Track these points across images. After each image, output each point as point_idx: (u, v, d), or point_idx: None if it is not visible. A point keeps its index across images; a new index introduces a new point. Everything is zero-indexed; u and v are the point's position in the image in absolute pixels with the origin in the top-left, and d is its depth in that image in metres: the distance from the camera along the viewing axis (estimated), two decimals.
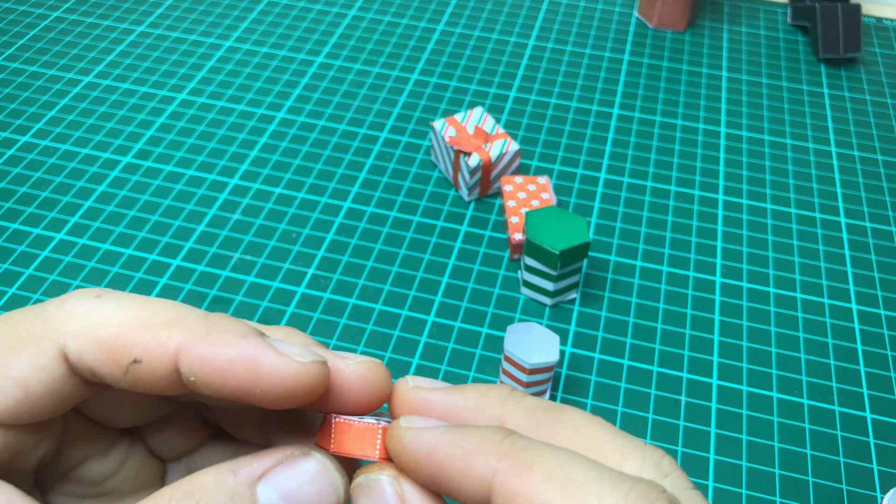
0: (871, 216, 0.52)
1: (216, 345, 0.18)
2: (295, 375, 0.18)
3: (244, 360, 0.18)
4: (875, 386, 0.42)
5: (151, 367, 0.18)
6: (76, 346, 0.19)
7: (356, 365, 0.20)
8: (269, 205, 0.50)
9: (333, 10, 0.68)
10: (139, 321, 0.19)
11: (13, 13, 0.65)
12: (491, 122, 0.51)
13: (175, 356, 0.18)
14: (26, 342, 0.19)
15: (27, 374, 0.18)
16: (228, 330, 0.19)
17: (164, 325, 0.19)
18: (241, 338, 0.18)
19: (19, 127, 0.55)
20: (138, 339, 0.18)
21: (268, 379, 0.18)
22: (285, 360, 0.18)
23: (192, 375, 0.18)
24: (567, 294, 0.45)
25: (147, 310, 0.19)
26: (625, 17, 0.69)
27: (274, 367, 0.18)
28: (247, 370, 0.18)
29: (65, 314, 0.19)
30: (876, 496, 0.38)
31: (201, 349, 0.18)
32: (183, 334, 0.18)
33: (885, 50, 0.67)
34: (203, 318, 0.19)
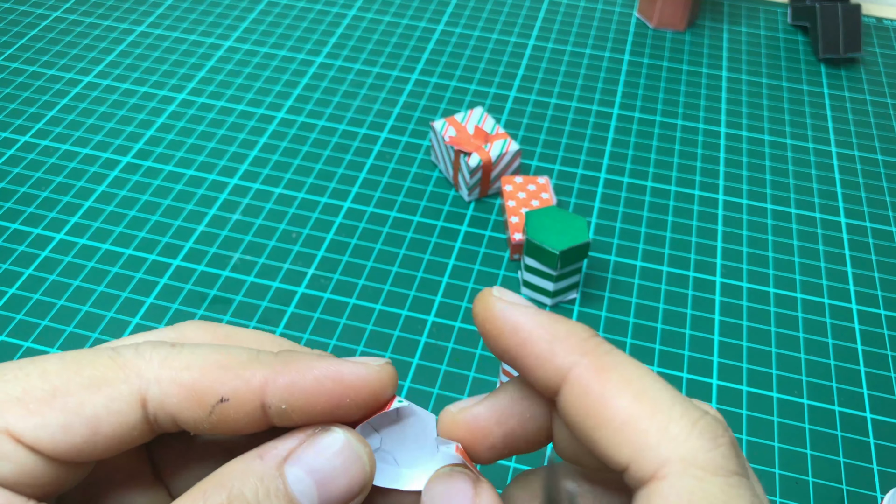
0: (871, 216, 0.52)
1: (300, 371, 0.20)
2: (378, 378, 0.20)
3: (331, 375, 0.20)
4: (875, 386, 0.42)
5: (238, 404, 0.19)
6: (158, 392, 0.19)
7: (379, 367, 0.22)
8: (269, 205, 0.50)
9: (333, 10, 0.68)
10: (219, 363, 0.20)
11: (13, 13, 0.65)
12: (491, 122, 0.51)
13: (261, 391, 0.19)
14: (103, 384, 0.19)
15: (101, 414, 0.19)
16: (303, 356, 0.20)
17: (244, 364, 0.20)
18: (318, 360, 0.20)
19: (19, 127, 0.55)
20: (222, 379, 0.19)
21: (355, 386, 0.20)
22: (365, 368, 0.20)
23: (283, 404, 0.19)
24: (567, 294, 0.45)
25: (223, 353, 0.20)
26: (625, 17, 0.69)
27: (358, 375, 0.20)
28: (335, 384, 0.19)
29: (143, 361, 0.20)
30: (876, 496, 0.38)
31: (287, 378, 0.19)
32: (265, 370, 0.19)
33: (885, 50, 0.67)
34: (275, 356, 0.20)
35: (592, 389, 0.18)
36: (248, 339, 0.23)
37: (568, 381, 0.18)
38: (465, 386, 0.41)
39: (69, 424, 0.19)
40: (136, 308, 0.44)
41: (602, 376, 0.18)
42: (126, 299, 0.44)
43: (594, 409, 0.18)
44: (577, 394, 0.18)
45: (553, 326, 0.19)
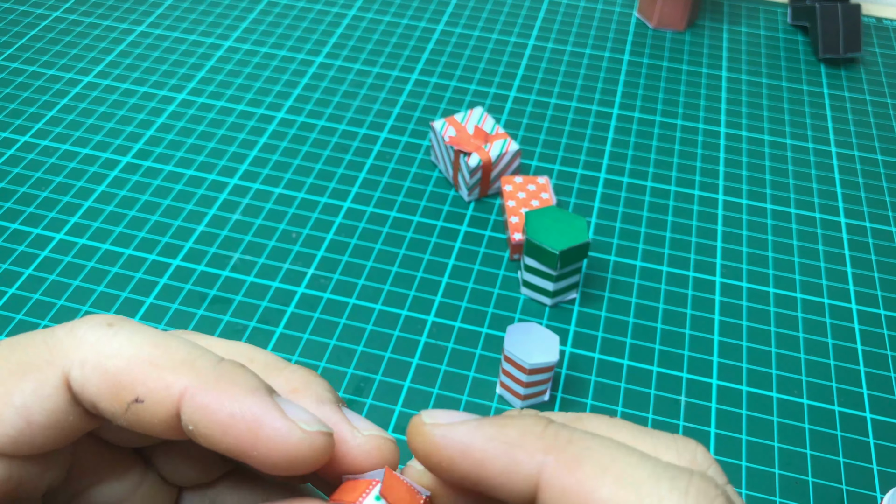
0: (871, 216, 0.52)
1: (221, 396, 0.17)
2: (297, 445, 0.17)
3: (248, 418, 0.17)
4: (875, 386, 0.42)
5: (152, 408, 0.17)
6: (80, 376, 0.18)
7: (363, 439, 0.19)
8: (269, 205, 0.50)
9: (333, 10, 0.68)
10: (149, 358, 0.18)
11: (13, 13, 0.66)
12: (491, 122, 0.51)
13: (178, 401, 0.17)
14: (31, 368, 0.18)
15: (30, 402, 0.18)
16: (237, 382, 0.18)
17: (174, 365, 0.18)
18: (249, 393, 0.17)
19: (19, 127, 0.55)
20: (144, 376, 0.17)
21: (268, 443, 0.17)
22: (289, 427, 0.17)
23: (190, 424, 0.17)
24: (567, 294, 0.45)
25: (159, 346, 0.18)
26: (625, 17, 0.69)
27: (277, 431, 0.17)
28: (248, 430, 0.17)
29: (74, 341, 0.18)
30: (876, 496, 0.38)
31: (205, 398, 0.17)
32: (190, 379, 0.17)
33: (885, 50, 0.67)
34: (214, 365, 0.18)
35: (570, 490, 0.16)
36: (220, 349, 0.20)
37: (541, 488, 0.17)
38: (464, 386, 0.41)
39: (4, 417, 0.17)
40: (135, 308, 0.44)
41: (575, 472, 0.16)
42: (126, 299, 0.44)
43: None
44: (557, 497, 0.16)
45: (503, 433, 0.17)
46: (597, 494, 0.16)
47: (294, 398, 0.19)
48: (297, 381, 0.20)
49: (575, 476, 0.16)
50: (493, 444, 0.17)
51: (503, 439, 0.17)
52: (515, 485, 0.17)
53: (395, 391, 0.40)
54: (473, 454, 0.17)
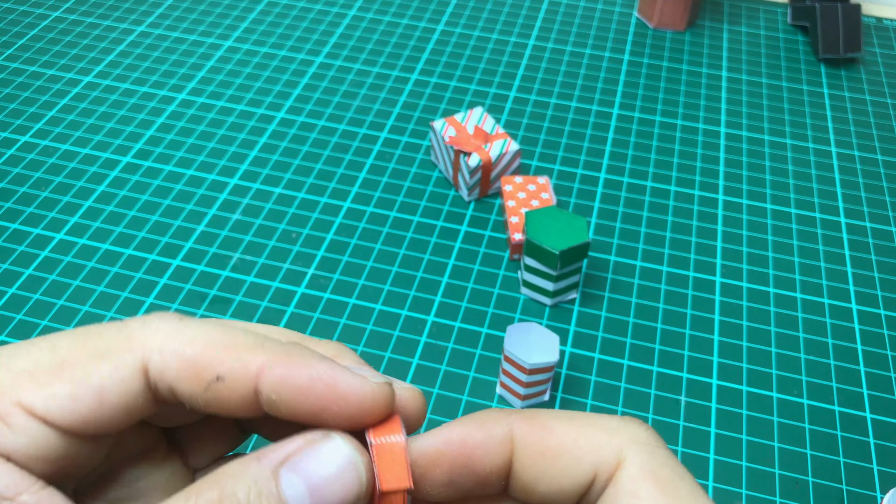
0: (871, 216, 0.52)
1: (298, 366, 0.20)
2: (371, 395, 0.20)
3: (326, 378, 0.19)
4: (875, 386, 0.42)
5: (233, 385, 0.19)
6: (160, 361, 0.19)
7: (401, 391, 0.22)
8: (269, 205, 0.50)
9: (333, 10, 0.68)
10: (223, 342, 0.20)
11: (13, 13, 0.65)
12: (491, 122, 0.51)
13: (256, 377, 0.19)
14: (108, 353, 0.19)
15: (106, 384, 0.19)
16: (306, 353, 0.20)
17: (247, 347, 0.20)
18: (319, 360, 0.20)
19: (19, 127, 0.55)
20: (222, 358, 0.19)
21: (346, 397, 0.20)
22: (362, 381, 0.20)
23: (273, 394, 0.19)
24: (567, 294, 0.45)
25: (229, 334, 0.20)
26: (625, 17, 0.69)
27: (352, 386, 0.20)
28: (328, 388, 0.19)
29: (149, 330, 0.20)
30: (876, 496, 0.38)
31: (284, 370, 0.19)
32: (266, 357, 0.19)
33: (885, 50, 0.67)
34: (281, 345, 0.20)
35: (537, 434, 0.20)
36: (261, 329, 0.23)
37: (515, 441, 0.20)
38: (464, 386, 0.41)
39: (76, 394, 0.19)
40: (135, 308, 0.44)
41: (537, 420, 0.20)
42: (126, 299, 0.44)
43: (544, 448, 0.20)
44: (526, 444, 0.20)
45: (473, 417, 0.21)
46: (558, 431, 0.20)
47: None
48: (332, 351, 0.22)
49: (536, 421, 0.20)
50: (468, 426, 0.20)
51: (476, 419, 0.21)
52: (493, 450, 0.20)
53: None
54: (454, 440, 0.20)
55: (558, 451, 0.20)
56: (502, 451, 0.20)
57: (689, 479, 0.19)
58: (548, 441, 0.20)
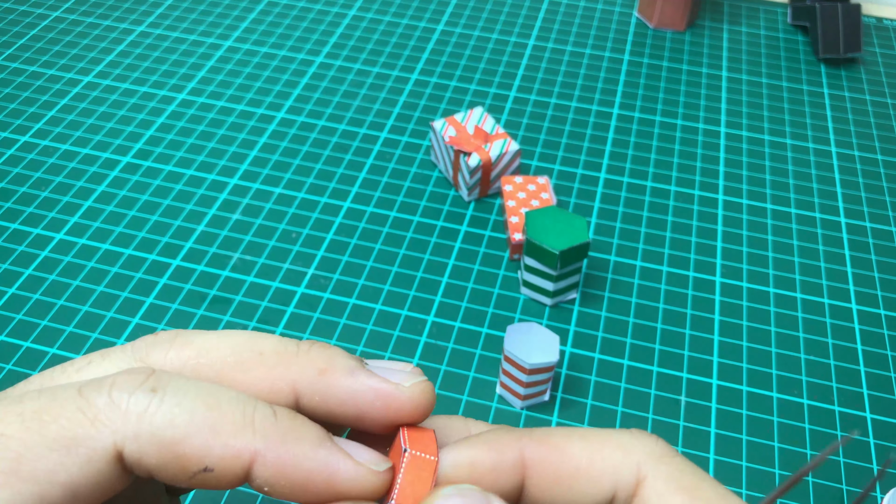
0: (871, 216, 0.52)
1: (294, 456, 0.18)
2: (372, 485, 0.18)
3: (323, 473, 0.18)
4: (875, 386, 0.42)
5: (221, 475, 0.18)
6: (136, 450, 0.17)
7: (409, 390, 0.20)
8: (269, 205, 0.50)
9: (333, 10, 0.68)
10: (206, 424, 0.18)
11: (13, 13, 0.65)
12: (491, 122, 0.51)
13: (248, 465, 0.18)
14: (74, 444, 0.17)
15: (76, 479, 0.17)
16: (302, 437, 0.18)
17: (235, 429, 0.18)
18: (317, 447, 0.18)
19: (19, 127, 0.55)
20: (209, 446, 0.17)
21: (346, 491, 0.18)
22: (363, 472, 0.18)
23: (266, 486, 0.18)
24: (567, 294, 0.45)
25: (212, 409, 0.18)
26: (625, 17, 0.69)
27: (352, 480, 0.18)
28: (326, 482, 0.18)
29: (118, 414, 0.18)
30: (876, 496, 0.38)
31: (279, 460, 0.18)
32: (257, 442, 0.18)
33: (885, 50, 0.67)
34: (273, 420, 0.18)
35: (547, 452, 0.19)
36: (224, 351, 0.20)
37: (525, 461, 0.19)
38: (464, 386, 0.41)
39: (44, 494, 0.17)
40: (135, 308, 0.44)
41: (548, 441, 0.20)
42: (126, 299, 0.44)
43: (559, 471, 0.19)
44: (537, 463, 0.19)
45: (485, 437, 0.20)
46: (571, 450, 0.19)
47: (325, 379, 0.20)
48: (320, 362, 0.20)
49: (549, 441, 0.20)
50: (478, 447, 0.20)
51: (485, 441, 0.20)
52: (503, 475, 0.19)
53: None
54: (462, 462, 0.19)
55: (574, 473, 0.19)
56: (513, 475, 0.19)
57: (711, 482, 0.19)
58: (562, 464, 0.19)
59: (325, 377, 0.20)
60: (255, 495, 0.36)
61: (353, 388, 0.19)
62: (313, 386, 0.19)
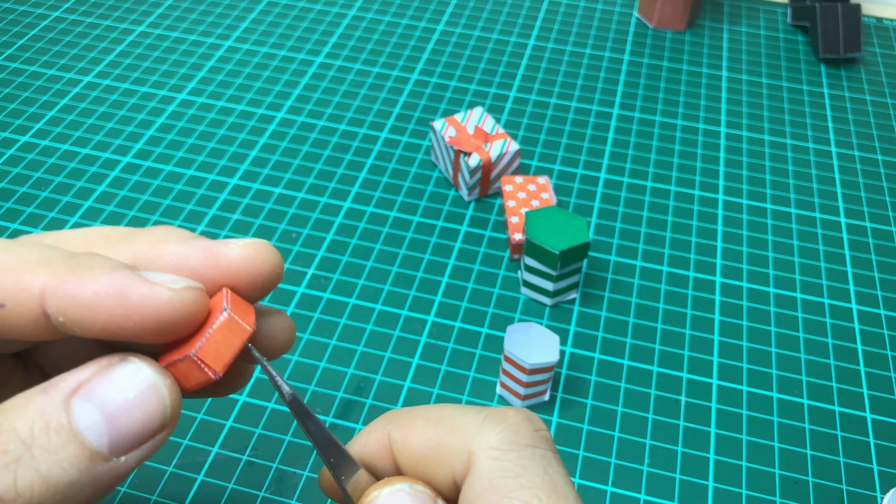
0: (871, 216, 0.52)
1: (82, 281, 0.17)
2: (168, 303, 0.18)
3: (112, 292, 0.17)
4: (875, 386, 0.42)
5: (16, 310, 0.17)
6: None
7: (240, 248, 0.20)
8: (269, 205, 0.50)
9: (333, 10, 0.68)
10: (2, 264, 0.18)
11: (13, 13, 0.66)
12: (491, 122, 0.51)
13: (41, 298, 0.17)
14: None
15: None
16: (94, 265, 0.18)
17: (29, 266, 0.18)
18: (108, 272, 0.18)
19: (19, 127, 0.55)
20: (1, 281, 0.17)
21: (139, 309, 0.17)
22: (155, 289, 0.18)
23: (60, 315, 0.17)
24: (567, 294, 0.45)
25: (11, 252, 0.18)
26: (625, 17, 0.69)
27: (144, 297, 0.17)
28: (116, 303, 0.17)
29: None
30: (876, 496, 0.38)
31: (67, 287, 0.17)
32: (48, 275, 0.17)
33: (885, 50, 0.67)
34: (68, 258, 0.18)
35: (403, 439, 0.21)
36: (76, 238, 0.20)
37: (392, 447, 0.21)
38: (464, 386, 0.41)
39: None
40: None
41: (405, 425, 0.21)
42: None
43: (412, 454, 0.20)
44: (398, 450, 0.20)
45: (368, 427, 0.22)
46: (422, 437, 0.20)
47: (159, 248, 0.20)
48: (157, 235, 0.20)
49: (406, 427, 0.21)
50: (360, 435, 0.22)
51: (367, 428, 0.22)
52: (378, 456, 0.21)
53: (395, 391, 0.40)
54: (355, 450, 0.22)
55: (422, 458, 0.20)
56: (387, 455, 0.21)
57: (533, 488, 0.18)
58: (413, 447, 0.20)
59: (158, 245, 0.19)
60: (254, 495, 0.36)
61: (184, 252, 0.19)
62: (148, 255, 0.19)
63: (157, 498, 0.35)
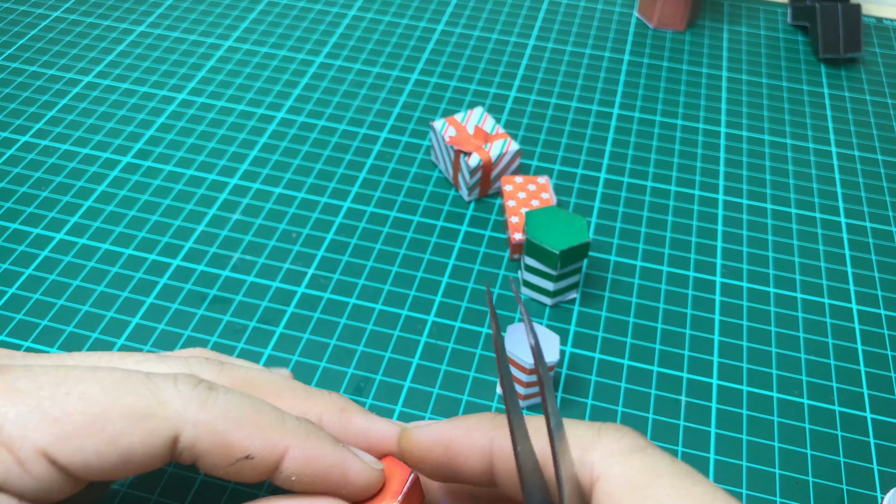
0: (871, 216, 0.52)
1: (317, 452, 0.22)
2: (374, 480, 0.23)
3: (340, 466, 0.22)
4: (875, 386, 0.42)
5: (259, 464, 0.21)
6: (193, 435, 0.21)
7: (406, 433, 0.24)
8: (269, 205, 0.50)
9: (333, 10, 0.68)
10: (252, 420, 0.21)
11: (13, 13, 0.65)
12: (491, 122, 0.51)
13: (281, 457, 0.21)
14: (142, 418, 0.20)
15: (135, 447, 0.20)
16: (323, 438, 0.22)
17: (273, 427, 0.22)
18: (335, 446, 0.23)
19: (19, 127, 0.55)
20: (252, 438, 0.21)
21: (355, 482, 0.22)
22: (368, 468, 0.23)
23: (294, 476, 0.22)
24: (567, 294, 0.45)
25: (256, 410, 0.22)
26: (625, 17, 0.69)
27: (360, 474, 0.22)
28: (340, 474, 0.22)
29: (182, 401, 0.21)
30: (876, 496, 0.38)
31: (304, 454, 0.22)
32: (289, 439, 0.22)
33: (885, 50, 0.67)
34: (300, 425, 0.22)
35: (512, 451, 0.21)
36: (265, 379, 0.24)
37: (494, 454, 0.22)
38: (465, 386, 0.41)
39: (104, 453, 0.20)
40: (136, 308, 0.44)
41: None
42: (126, 299, 0.44)
43: None
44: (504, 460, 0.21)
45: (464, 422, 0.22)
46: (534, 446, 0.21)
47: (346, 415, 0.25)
48: (340, 402, 0.25)
49: None
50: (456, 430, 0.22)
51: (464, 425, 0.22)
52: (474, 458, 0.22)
53: (396, 391, 0.40)
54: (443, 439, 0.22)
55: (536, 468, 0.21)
56: (482, 461, 0.22)
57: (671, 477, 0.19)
58: None
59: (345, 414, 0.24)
60: (255, 495, 0.36)
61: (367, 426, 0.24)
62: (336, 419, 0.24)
63: (157, 498, 0.35)
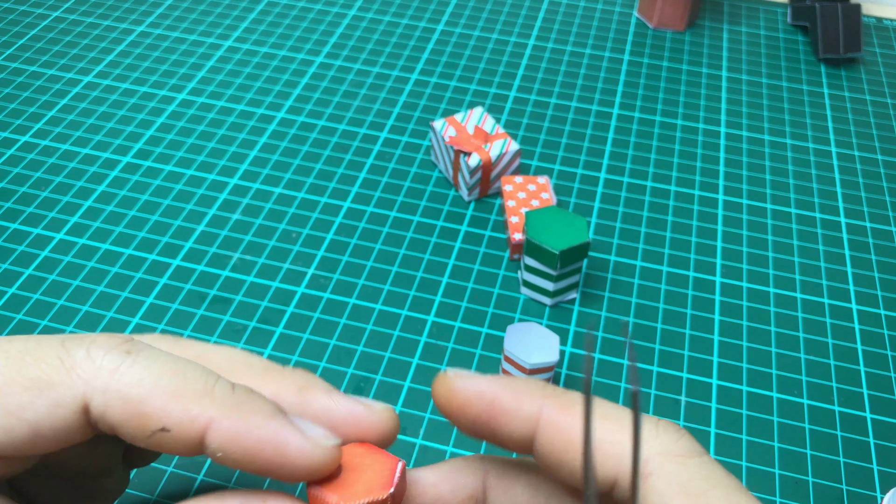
0: (871, 216, 0.52)
1: (247, 424, 0.19)
2: (321, 459, 0.19)
3: (274, 442, 0.19)
4: (875, 386, 0.42)
5: (177, 436, 0.19)
6: (102, 403, 0.19)
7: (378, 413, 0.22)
8: (269, 205, 0.50)
9: (333, 10, 0.68)
10: (170, 387, 0.19)
11: (13, 13, 0.65)
12: (491, 122, 0.51)
13: (204, 430, 0.19)
14: (46, 387, 0.19)
15: (42, 419, 0.18)
16: (257, 409, 0.19)
17: (195, 396, 0.19)
18: (270, 418, 0.19)
19: (19, 127, 0.55)
20: (169, 408, 0.19)
21: (294, 461, 0.19)
22: (311, 445, 0.19)
23: (220, 451, 0.19)
24: (567, 294, 0.45)
25: (178, 375, 0.19)
26: (625, 17, 0.69)
27: (300, 451, 0.19)
28: (275, 452, 0.19)
29: (92, 366, 0.19)
30: (876, 496, 0.38)
31: (232, 427, 0.19)
32: (214, 410, 0.19)
33: (885, 50, 0.67)
34: (231, 393, 0.19)
35: (563, 422, 0.20)
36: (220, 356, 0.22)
37: (540, 423, 0.20)
38: None
39: (9, 427, 0.18)
40: (135, 308, 0.44)
41: (570, 410, 0.20)
42: (126, 299, 0.44)
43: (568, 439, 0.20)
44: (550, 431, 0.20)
45: (513, 383, 0.20)
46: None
47: (305, 394, 0.22)
48: (301, 380, 0.22)
49: (568, 413, 0.20)
50: (504, 389, 0.20)
51: (512, 386, 0.20)
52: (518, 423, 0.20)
53: (395, 391, 0.40)
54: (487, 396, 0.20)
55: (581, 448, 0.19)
56: (526, 426, 0.20)
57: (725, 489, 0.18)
58: (573, 435, 0.20)
59: (304, 393, 0.21)
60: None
61: (328, 405, 0.21)
62: (294, 398, 0.21)
63: (157, 498, 0.35)
